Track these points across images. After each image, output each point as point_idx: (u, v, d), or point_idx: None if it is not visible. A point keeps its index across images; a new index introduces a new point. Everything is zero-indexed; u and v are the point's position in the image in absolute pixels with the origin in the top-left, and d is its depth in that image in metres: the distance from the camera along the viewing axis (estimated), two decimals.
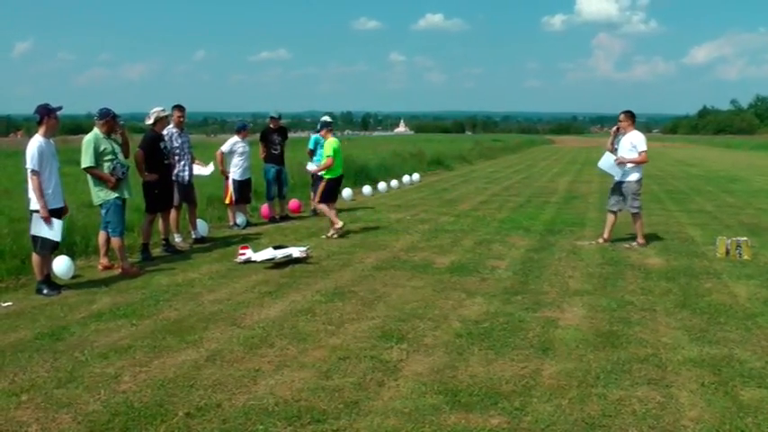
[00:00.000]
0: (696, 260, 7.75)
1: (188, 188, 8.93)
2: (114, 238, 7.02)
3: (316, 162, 10.78)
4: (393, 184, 17.00)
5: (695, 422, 3.57)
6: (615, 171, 8.54)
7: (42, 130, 6.29)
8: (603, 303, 5.86)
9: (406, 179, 18.09)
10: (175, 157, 8.65)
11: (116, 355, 4.58)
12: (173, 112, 8.79)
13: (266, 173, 11.04)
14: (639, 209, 8.55)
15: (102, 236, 7.23)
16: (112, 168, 6.94)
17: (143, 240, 7.97)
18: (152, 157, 8.00)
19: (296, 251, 7.61)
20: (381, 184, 16.14)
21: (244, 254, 7.57)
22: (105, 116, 6.97)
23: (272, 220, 10.97)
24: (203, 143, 25.72)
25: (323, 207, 9.41)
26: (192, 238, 9.08)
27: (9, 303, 5.97)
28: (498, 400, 3.84)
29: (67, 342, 4.89)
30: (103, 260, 7.29)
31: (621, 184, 8.55)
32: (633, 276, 6.93)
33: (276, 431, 3.50)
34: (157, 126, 8.15)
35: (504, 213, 11.93)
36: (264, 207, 11.16)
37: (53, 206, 6.27)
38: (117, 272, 7.09)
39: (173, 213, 8.71)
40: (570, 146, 56.57)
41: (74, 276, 6.89)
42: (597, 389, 4.00)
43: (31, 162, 6.10)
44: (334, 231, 9.24)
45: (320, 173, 9.61)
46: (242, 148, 10.31)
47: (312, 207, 10.92)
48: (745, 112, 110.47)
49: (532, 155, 39.55)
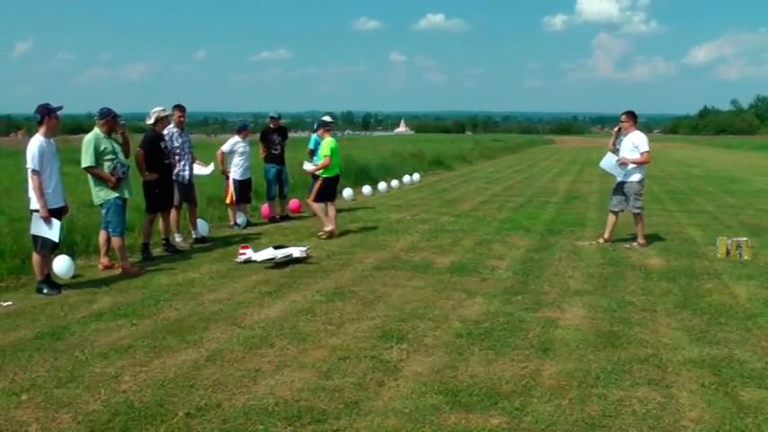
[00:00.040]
0: (696, 260, 7.75)
1: (188, 188, 8.93)
2: (115, 237, 7.02)
3: (315, 162, 10.76)
4: (393, 184, 16.98)
5: (695, 423, 3.57)
6: (617, 171, 8.55)
7: (43, 129, 6.30)
8: (604, 304, 5.86)
9: (406, 179, 18.08)
10: (176, 157, 8.65)
11: (116, 355, 4.58)
12: (173, 112, 8.79)
13: (266, 173, 11.05)
14: (641, 209, 8.56)
15: (103, 235, 7.24)
16: (113, 168, 6.94)
17: (143, 240, 7.98)
18: (152, 157, 8.00)
19: (296, 251, 7.62)
20: (382, 184, 16.13)
21: (244, 254, 7.57)
22: (106, 116, 6.97)
23: (272, 219, 10.98)
24: (204, 143, 25.75)
25: (316, 206, 9.40)
26: (193, 237, 9.08)
27: (9, 303, 5.97)
28: (498, 401, 3.84)
29: (68, 342, 4.89)
30: (104, 260, 7.30)
31: (624, 185, 8.55)
32: (633, 277, 6.93)
33: (276, 431, 3.50)
34: (158, 126, 8.15)
35: (505, 213, 11.93)
36: (265, 207, 11.16)
37: (53, 206, 6.27)
38: (117, 271, 7.10)
39: (173, 213, 8.71)
40: (571, 146, 56.56)
41: (74, 276, 6.89)
42: (597, 389, 4.00)
43: (32, 162, 6.11)
44: (323, 232, 9.24)
45: (317, 172, 9.61)
46: (242, 147, 10.32)
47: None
48: (746, 112, 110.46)
49: (533, 155, 39.53)
